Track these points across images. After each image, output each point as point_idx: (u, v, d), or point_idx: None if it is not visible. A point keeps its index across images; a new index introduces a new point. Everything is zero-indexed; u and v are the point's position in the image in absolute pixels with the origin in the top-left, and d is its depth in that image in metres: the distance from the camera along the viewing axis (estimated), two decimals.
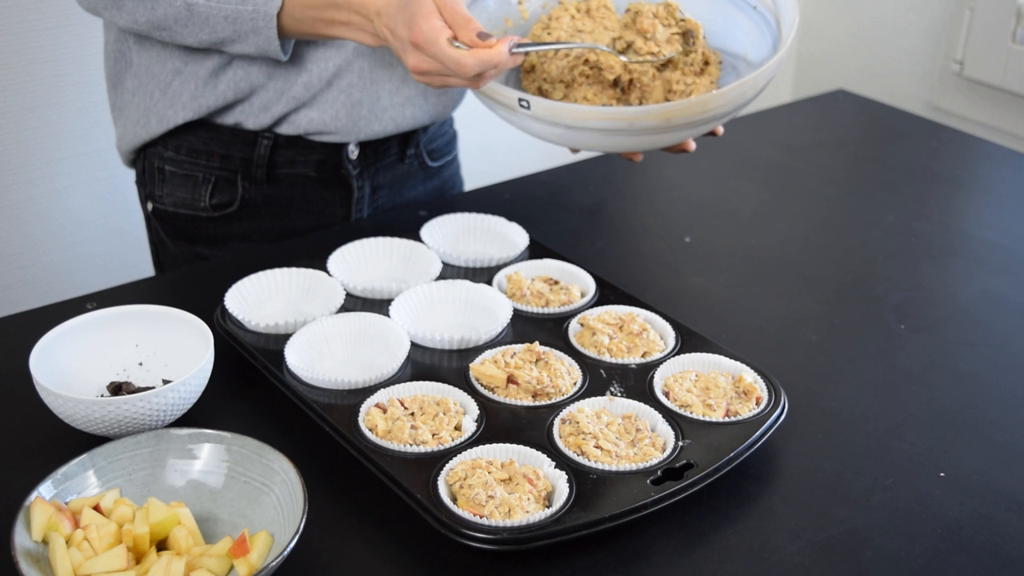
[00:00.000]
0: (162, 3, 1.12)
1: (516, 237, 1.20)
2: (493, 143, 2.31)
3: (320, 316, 1.03)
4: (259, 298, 1.07)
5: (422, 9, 1.01)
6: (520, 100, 1.07)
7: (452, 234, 1.21)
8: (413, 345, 1.01)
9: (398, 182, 1.35)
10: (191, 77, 1.20)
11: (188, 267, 1.28)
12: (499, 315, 1.05)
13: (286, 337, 1.01)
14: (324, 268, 1.11)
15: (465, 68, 1.00)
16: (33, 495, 0.79)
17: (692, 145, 1.17)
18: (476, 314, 1.07)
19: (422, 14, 1.01)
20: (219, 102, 1.21)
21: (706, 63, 1.19)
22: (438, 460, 0.86)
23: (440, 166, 1.41)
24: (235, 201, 1.28)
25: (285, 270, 1.09)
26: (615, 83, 1.19)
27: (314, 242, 1.24)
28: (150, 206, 1.32)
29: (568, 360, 0.99)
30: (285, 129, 1.24)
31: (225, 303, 1.04)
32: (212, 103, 1.21)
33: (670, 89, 1.18)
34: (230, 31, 1.12)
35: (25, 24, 1.72)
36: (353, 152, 1.28)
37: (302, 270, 1.10)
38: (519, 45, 1.04)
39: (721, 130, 1.17)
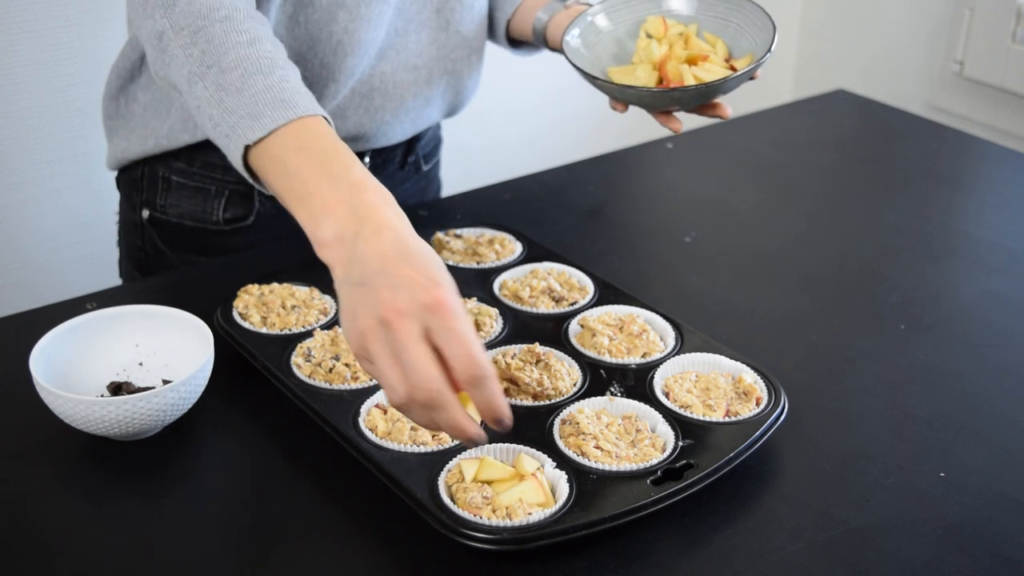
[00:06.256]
0: (174, 64, 0.93)
1: (515, 244, 1.20)
2: (492, 143, 2.31)
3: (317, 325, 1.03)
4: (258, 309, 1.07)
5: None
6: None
7: (460, 251, 1.19)
8: None
9: (394, 187, 1.35)
10: None
11: (188, 268, 1.27)
12: None
13: (286, 337, 1.01)
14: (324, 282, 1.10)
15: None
16: None
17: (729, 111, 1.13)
18: None
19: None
20: None
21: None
22: (438, 460, 0.86)
23: (428, 169, 1.41)
24: (250, 215, 1.24)
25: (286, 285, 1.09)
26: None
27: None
28: (145, 214, 1.26)
29: (568, 361, 0.99)
30: None
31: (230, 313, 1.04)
32: None
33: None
34: (212, 133, 0.91)
35: (25, 24, 1.72)
36: (366, 163, 1.27)
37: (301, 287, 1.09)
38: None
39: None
